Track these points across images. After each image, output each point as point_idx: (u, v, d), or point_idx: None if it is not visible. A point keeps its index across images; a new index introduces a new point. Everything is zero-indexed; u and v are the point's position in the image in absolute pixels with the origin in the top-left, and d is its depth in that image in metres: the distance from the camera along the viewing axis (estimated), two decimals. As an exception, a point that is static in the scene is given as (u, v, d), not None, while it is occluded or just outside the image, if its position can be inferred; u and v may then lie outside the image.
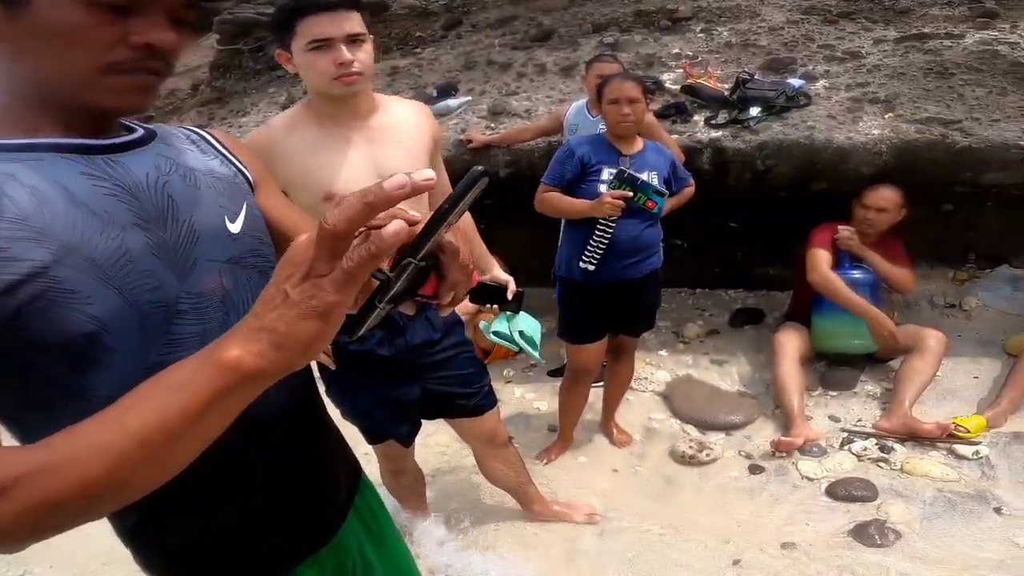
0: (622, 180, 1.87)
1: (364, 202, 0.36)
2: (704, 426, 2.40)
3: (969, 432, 2.09)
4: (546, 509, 1.89)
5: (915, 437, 2.13)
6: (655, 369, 2.75)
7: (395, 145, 1.30)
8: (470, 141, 3.01)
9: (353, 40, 1.18)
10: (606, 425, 2.36)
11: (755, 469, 2.13)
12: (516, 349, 1.58)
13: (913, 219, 2.42)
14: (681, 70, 3.36)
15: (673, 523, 1.89)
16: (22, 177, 0.49)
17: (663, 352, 2.85)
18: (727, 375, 2.68)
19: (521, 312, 1.59)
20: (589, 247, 1.92)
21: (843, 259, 2.40)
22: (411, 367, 1.46)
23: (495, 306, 1.57)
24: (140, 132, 0.60)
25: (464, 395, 1.55)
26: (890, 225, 2.36)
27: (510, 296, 1.52)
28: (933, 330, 2.32)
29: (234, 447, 0.51)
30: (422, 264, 0.41)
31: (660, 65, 3.50)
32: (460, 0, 4.70)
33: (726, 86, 3.09)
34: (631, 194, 1.85)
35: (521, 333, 1.55)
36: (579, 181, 1.94)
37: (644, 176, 1.90)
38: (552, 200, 1.97)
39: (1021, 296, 2.49)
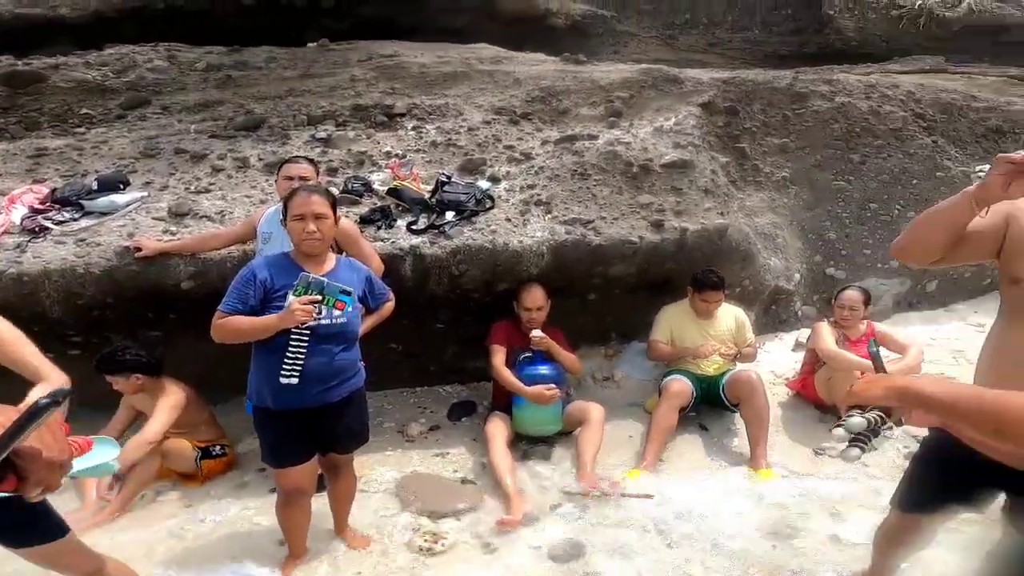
0: (307, 285, 1.84)
1: None
2: (436, 516, 2.52)
3: (635, 483, 2.57)
4: None
5: (600, 494, 2.53)
6: (384, 469, 2.81)
7: None
8: (139, 248, 2.65)
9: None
10: (340, 533, 2.34)
11: (488, 548, 2.31)
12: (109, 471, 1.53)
13: (569, 308, 2.91)
14: (389, 170, 3.53)
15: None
16: None
17: (389, 451, 2.93)
18: (450, 464, 2.86)
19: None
20: (287, 361, 1.86)
21: (536, 356, 2.81)
22: None
23: None
24: None
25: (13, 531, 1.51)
26: (543, 319, 2.81)
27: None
28: (594, 403, 2.83)
29: None
30: None
31: (371, 164, 3.63)
32: (152, 78, 4.24)
33: (428, 187, 3.33)
34: (320, 298, 1.83)
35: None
36: (262, 309, 1.86)
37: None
38: (232, 325, 1.86)
39: (649, 365, 3.18)
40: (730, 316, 3.01)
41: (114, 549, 1.95)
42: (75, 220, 2.87)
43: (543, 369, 2.77)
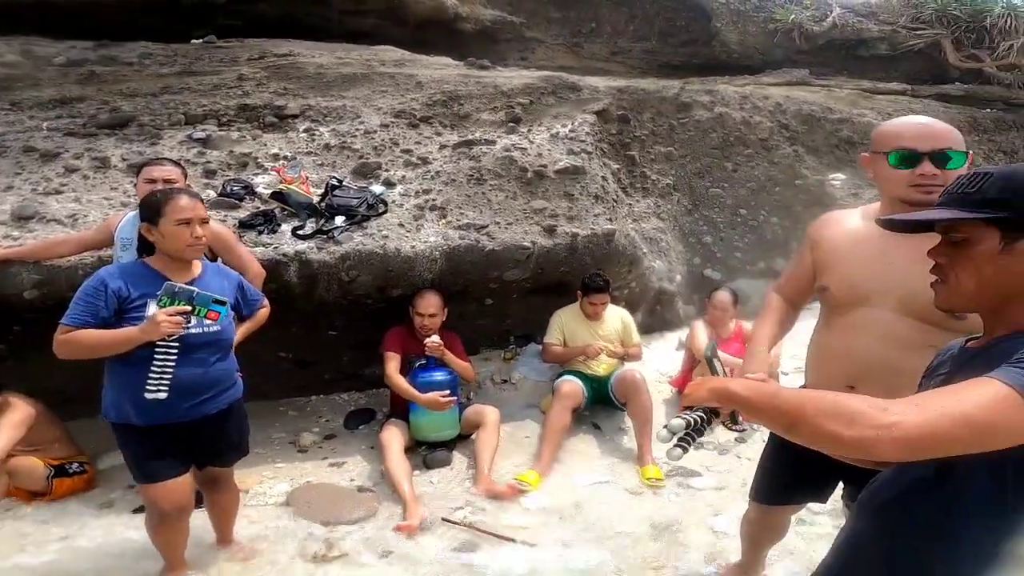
0: (173, 295, 1.68)
1: None
2: (331, 524, 2.41)
3: (531, 485, 2.58)
4: None
5: (497, 497, 2.53)
6: (274, 481, 2.67)
7: None
8: None
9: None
10: (225, 544, 2.19)
11: (384, 554, 2.24)
12: None
13: (467, 312, 2.87)
14: (275, 173, 3.33)
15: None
16: None
17: (280, 463, 2.78)
18: (346, 473, 2.75)
19: None
20: (153, 374, 1.69)
21: (431, 362, 2.77)
22: None
23: None
24: None
25: None
26: (439, 324, 2.76)
27: None
28: (489, 406, 2.82)
29: None
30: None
31: (255, 166, 3.40)
32: (3, 72, 3.74)
33: (318, 192, 3.17)
34: (189, 308, 1.68)
35: None
36: (116, 322, 1.70)
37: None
38: (82, 339, 1.67)
39: (545, 367, 3.23)
40: (616, 318, 3.12)
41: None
42: None
43: (438, 375, 2.74)
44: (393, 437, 2.68)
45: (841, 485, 1.51)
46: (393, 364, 2.75)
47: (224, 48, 4.68)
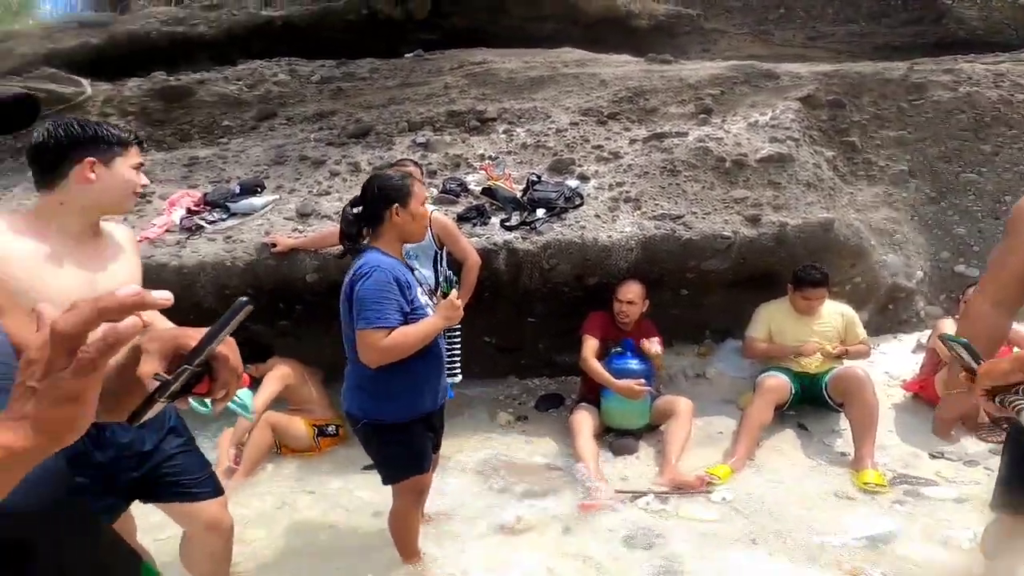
0: (449, 282, 1.90)
1: (96, 308, 0.45)
2: (520, 498, 2.57)
3: (720, 479, 2.55)
4: None
5: (682, 488, 2.54)
6: (471, 452, 2.91)
7: (115, 264, 1.44)
8: (275, 244, 2.99)
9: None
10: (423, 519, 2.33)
11: (567, 530, 2.37)
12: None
13: (661, 302, 2.92)
14: (483, 171, 3.74)
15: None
16: None
17: (477, 437, 3.04)
18: (537, 452, 2.95)
19: None
20: (453, 358, 1.93)
21: (627, 349, 2.82)
22: (121, 474, 1.50)
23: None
24: None
25: (183, 483, 1.59)
26: (639, 314, 2.83)
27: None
28: (682, 398, 2.80)
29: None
30: (197, 369, 0.55)
31: (466, 166, 3.86)
32: (277, 91, 4.78)
33: (520, 187, 3.50)
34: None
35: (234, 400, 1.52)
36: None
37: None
38: (404, 340, 1.65)
39: (745, 363, 3.09)
40: (836, 314, 2.86)
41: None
42: (223, 220, 3.32)
43: (633, 363, 2.79)
44: (584, 420, 2.79)
45: None
46: (591, 346, 2.82)
47: (430, 60, 5.34)
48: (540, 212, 3.30)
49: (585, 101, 4.30)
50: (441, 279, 1.94)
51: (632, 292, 2.82)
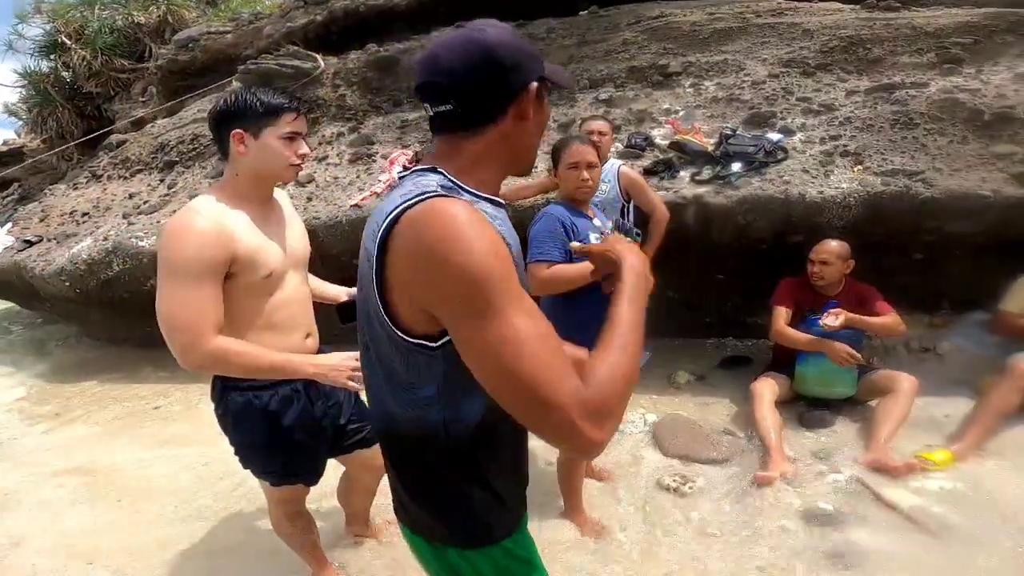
0: (625, 231, 1.97)
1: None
2: (689, 460, 2.51)
3: (937, 465, 2.24)
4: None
5: (885, 472, 2.26)
6: (644, 411, 2.89)
7: (291, 225, 1.53)
8: None
9: (305, 138, 1.44)
10: (589, 473, 2.36)
11: (736, 499, 2.25)
12: None
13: (885, 267, 2.60)
14: (669, 126, 3.63)
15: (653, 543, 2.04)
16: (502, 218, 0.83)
17: (654, 396, 3.01)
18: (714, 415, 2.84)
19: None
20: None
21: (828, 309, 2.54)
22: (330, 411, 1.60)
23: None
24: None
25: (363, 428, 1.70)
26: (839, 275, 2.54)
27: None
28: (905, 374, 2.47)
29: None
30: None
31: (651, 121, 3.78)
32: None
33: (711, 141, 3.33)
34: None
35: None
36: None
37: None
38: (562, 273, 1.79)
39: (990, 340, 2.62)
40: None
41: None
42: None
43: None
44: (767, 387, 2.61)
45: None
46: (782, 318, 2.63)
47: (605, 16, 5.21)
48: (735, 166, 3.11)
49: (786, 52, 3.91)
50: (624, 231, 1.94)
51: (826, 251, 2.54)
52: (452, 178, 0.79)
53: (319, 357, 1.47)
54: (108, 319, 4.41)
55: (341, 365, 1.43)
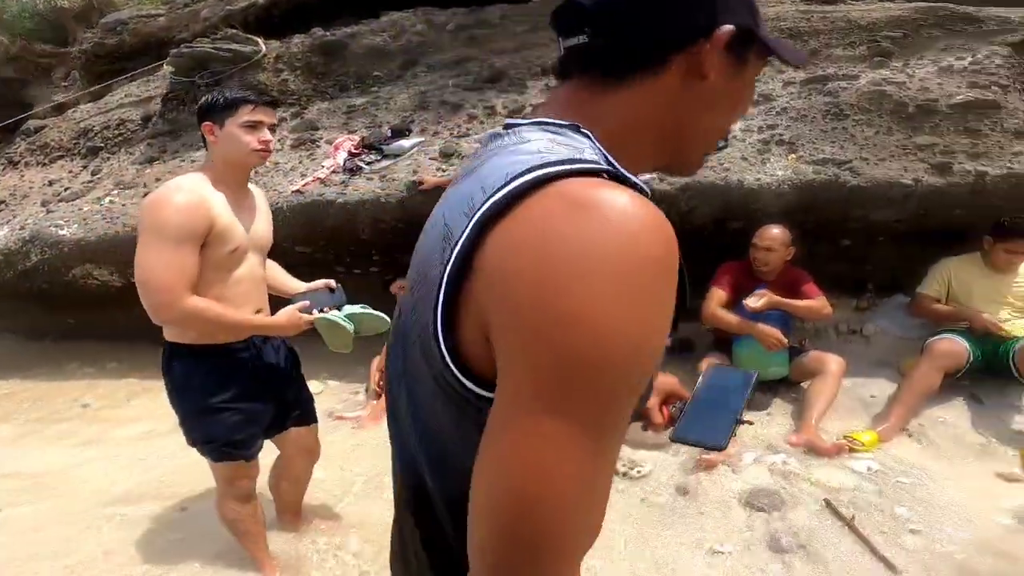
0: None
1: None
2: (636, 446, 2.53)
3: (864, 446, 2.36)
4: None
5: (816, 453, 2.37)
6: None
7: (260, 213, 1.71)
8: (422, 182, 3.21)
9: (271, 128, 1.61)
10: None
11: (681, 485, 2.31)
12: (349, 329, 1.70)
13: (816, 254, 2.70)
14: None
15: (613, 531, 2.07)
16: None
17: None
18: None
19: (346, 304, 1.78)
20: None
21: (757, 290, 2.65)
22: (271, 382, 1.71)
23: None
24: None
25: (302, 406, 1.83)
26: (781, 262, 2.63)
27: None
28: (833, 355, 2.59)
29: None
30: None
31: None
32: (417, 41, 4.96)
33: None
34: None
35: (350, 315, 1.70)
36: None
37: None
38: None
39: (913, 322, 2.77)
40: (1037, 274, 2.47)
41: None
42: (378, 161, 3.60)
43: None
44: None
45: None
46: (716, 297, 2.70)
47: (558, 4, 5.23)
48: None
49: (730, 43, 3.99)
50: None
51: (769, 237, 2.63)
52: (603, 148, 0.50)
53: (277, 315, 1.66)
54: (27, 312, 4.17)
55: (295, 316, 1.63)
